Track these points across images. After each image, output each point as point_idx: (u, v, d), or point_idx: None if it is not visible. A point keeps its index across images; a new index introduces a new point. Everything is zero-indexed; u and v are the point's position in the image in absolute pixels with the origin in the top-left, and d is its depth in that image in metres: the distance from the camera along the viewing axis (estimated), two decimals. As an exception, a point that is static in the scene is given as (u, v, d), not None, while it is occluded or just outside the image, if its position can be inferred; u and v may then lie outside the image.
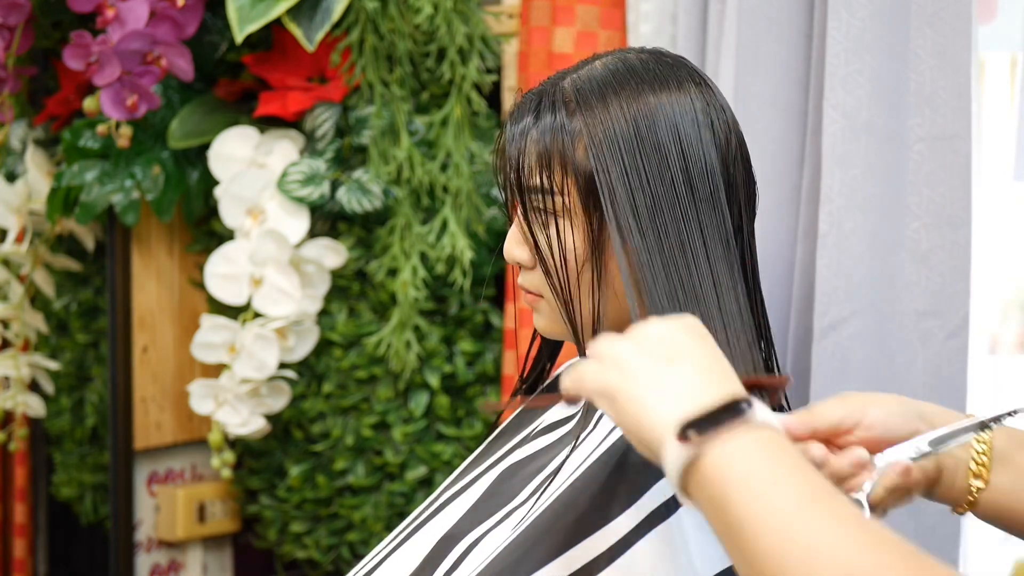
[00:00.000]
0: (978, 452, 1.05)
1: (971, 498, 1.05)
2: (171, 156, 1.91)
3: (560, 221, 1.12)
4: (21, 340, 2.09)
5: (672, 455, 0.80)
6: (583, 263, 1.12)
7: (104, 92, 1.77)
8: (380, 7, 1.79)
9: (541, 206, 1.12)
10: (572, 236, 1.12)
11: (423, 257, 1.83)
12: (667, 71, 1.14)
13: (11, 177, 2.10)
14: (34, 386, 2.17)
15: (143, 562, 2.06)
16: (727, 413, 0.79)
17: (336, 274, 1.85)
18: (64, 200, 1.89)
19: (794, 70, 1.61)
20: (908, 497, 1.02)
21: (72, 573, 2.39)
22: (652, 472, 1.03)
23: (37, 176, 2.00)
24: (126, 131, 1.80)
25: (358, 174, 1.82)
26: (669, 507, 1.02)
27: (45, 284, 2.12)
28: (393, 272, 1.83)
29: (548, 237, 1.12)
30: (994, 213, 1.75)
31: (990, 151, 1.78)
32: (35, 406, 2.09)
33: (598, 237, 1.11)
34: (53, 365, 2.11)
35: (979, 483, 1.05)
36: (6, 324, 2.09)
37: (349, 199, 1.80)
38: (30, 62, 2.06)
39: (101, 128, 1.82)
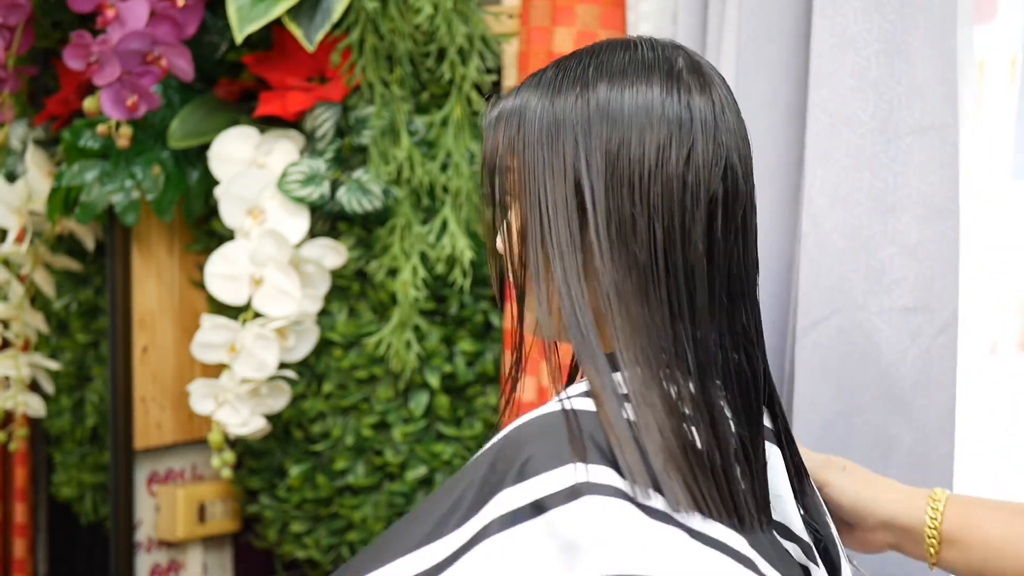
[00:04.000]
0: (929, 528, 1.17)
1: (932, 563, 1.18)
2: (171, 156, 1.91)
3: (510, 215, 1.10)
4: (21, 340, 2.09)
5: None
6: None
7: (104, 92, 1.77)
8: (380, 7, 1.79)
9: (496, 200, 1.11)
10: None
11: (423, 257, 1.83)
12: (639, 70, 1.06)
13: (11, 177, 2.10)
14: (34, 386, 2.17)
15: (143, 562, 2.06)
16: None
17: (336, 274, 1.85)
18: (64, 200, 1.89)
19: (794, 70, 1.61)
20: None
21: (72, 573, 2.39)
22: (513, 473, 0.99)
23: (37, 176, 2.00)
24: (126, 131, 1.80)
25: (358, 174, 1.82)
26: (540, 507, 0.96)
27: (45, 284, 2.12)
28: (393, 272, 1.83)
29: (505, 234, 1.11)
30: (995, 212, 1.75)
31: (989, 149, 1.78)
32: (35, 406, 2.09)
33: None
34: (53, 365, 2.11)
35: (932, 558, 1.17)
36: (6, 324, 2.09)
37: (349, 199, 1.80)
38: (30, 62, 2.06)
39: (101, 128, 1.82)
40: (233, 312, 1.85)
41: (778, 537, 1.05)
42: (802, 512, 1.09)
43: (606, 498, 0.94)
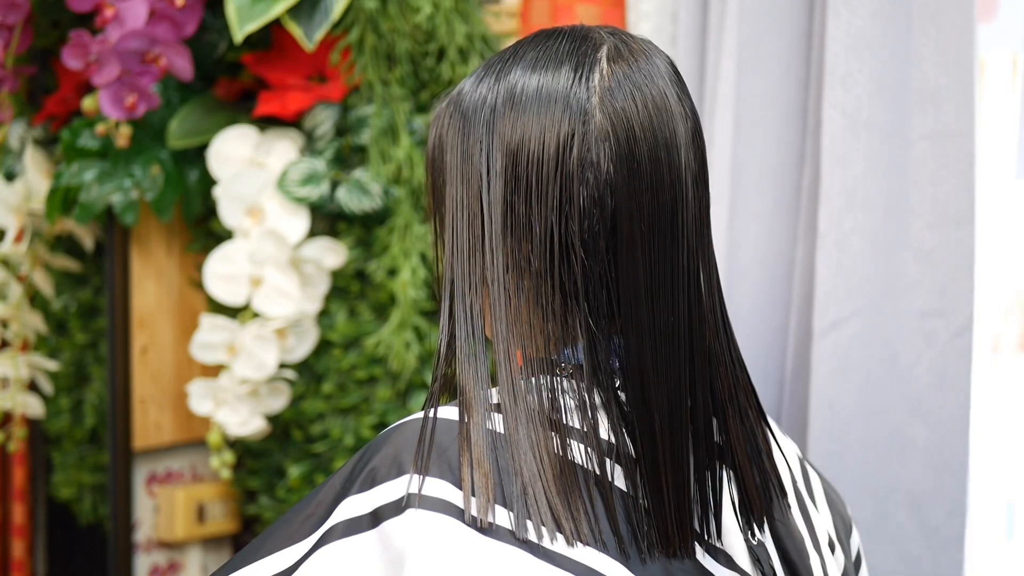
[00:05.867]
0: None
1: None
2: (170, 156, 1.90)
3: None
4: (20, 340, 2.08)
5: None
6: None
7: (103, 92, 1.76)
8: (380, 6, 1.78)
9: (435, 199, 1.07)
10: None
11: (423, 257, 1.82)
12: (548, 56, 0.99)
13: (10, 177, 2.09)
14: (33, 386, 2.17)
15: (142, 563, 2.05)
16: None
17: (336, 274, 1.85)
18: (63, 200, 1.88)
19: (795, 69, 1.60)
20: None
21: (71, 574, 2.38)
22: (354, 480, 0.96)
23: (36, 176, 2.00)
24: (125, 131, 1.80)
25: (357, 174, 1.81)
26: (377, 517, 0.93)
27: (44, 284, 2.11)
28: (393, 272, 1.83)
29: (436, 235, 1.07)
30: (998, 212, 1.75)
31: (993, 150, 1.77)
32: (34, 406, 2.09)
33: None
34: (52, 365, 2.10)
35: None
36: (5, 324, 2.09)
37: (348, 199, 1.80)
38: (29, 61, 2.05)
39: (100, 128, 1.81)
40: (233, 312, 1.84)
41: (717, 566, 0.99)
42: (756, 540, 1.02)
43: (432, 513, 0.90)
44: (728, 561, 1.00)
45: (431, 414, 0.96)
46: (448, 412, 0.96)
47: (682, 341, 0.97)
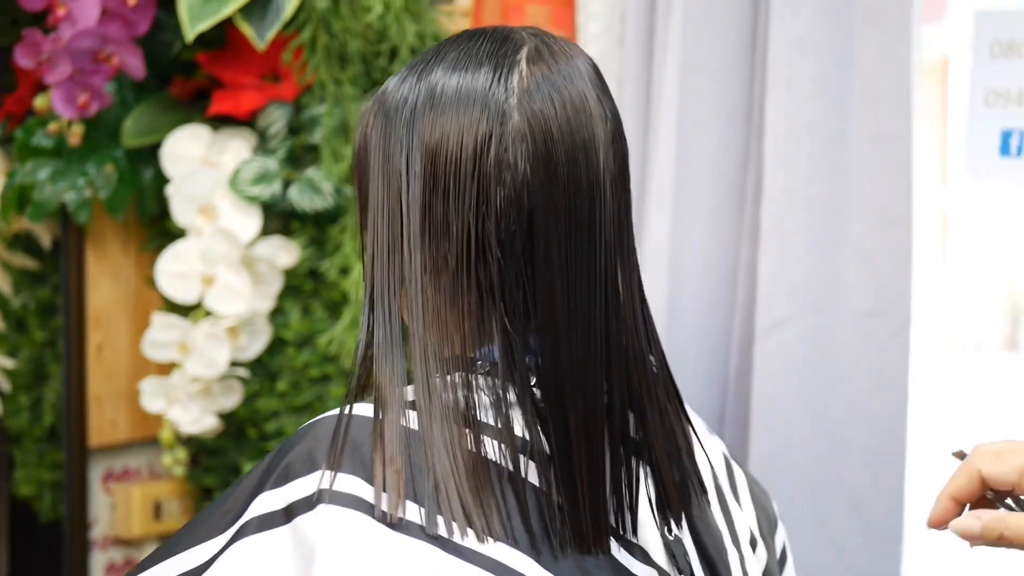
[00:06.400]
0: None
1: None
2: (125, 154, 1.91)
3: None
4: (-23, 338, 2.09)
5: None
6: None
7: (55, 90, 1.77)
8: (332, 6, 1.79)
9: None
10: None
11: (375, 256, 1.83)
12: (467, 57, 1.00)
13: (-32, 175, 2.10)
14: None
15: (98, 560, 2.06)
16: None
17: (289, 273, 1.86)
18: (18, 198, 1.89)
19: (740, 71, 1.61)
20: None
21: (32, 571, 2.38)
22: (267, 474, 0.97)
23: (-8, 174, 2.01)
24: (77, 129, 1.80)
25: (310, 173, 1.82)
26: (290, 512, 0.93)
27: (2, 282, 2.12)
28: (345, 271, 1.83)
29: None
30: (965, 211, 1.77)
31: (945, 150, 1.79)
32: (-9, 404, 2.10)
33: None
34: (7, 363, 2.11)
35: None
36: (-38, 322, 2.10)
37: (300, 198, 1.81)
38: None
39: (52, 126, 1.82)
40: (188, 311, 1.85)
41: (633, 561, 0.99)
42: (674, 536, 1.02)
43: (342, 508, 0.90)
44: (644, 556, 1.00)
45: (347, 411, 0.97)
46: (364, 409, 0.97)
47: (598, 340, 0.98)
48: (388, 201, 0.99)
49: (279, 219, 1.86)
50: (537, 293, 0.96)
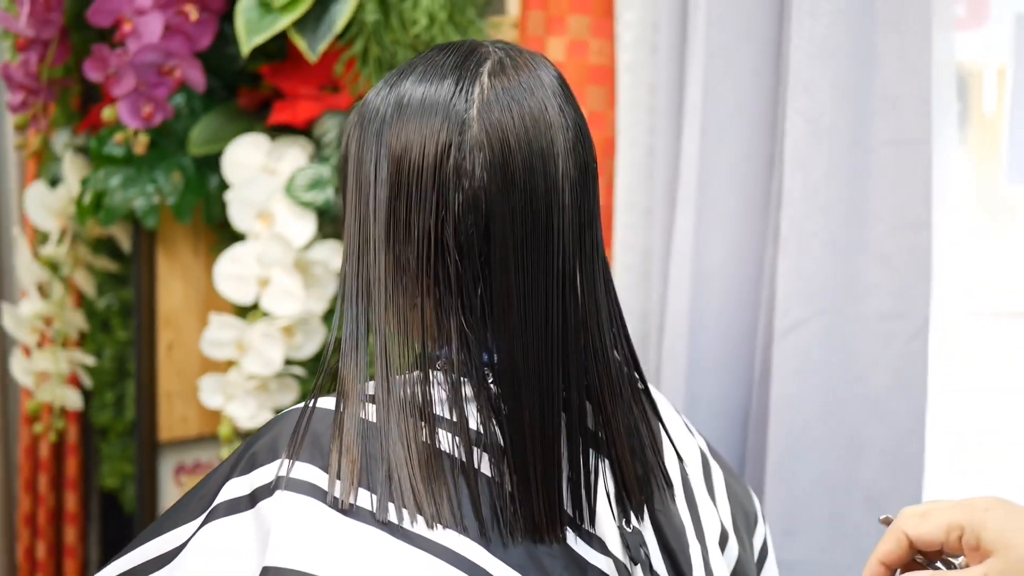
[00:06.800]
0: None
1: None
2: (192, 162, 2.00)
3: None
4: (61, 337, 2.20)
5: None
6: None
7: (121, 102, 1.87)
8: (382, 19, 1.86)
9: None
10: None
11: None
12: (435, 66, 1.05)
13: (54, 183, 2.21)
14: (80, 382, 2.29)
15: (170, 549, 2.15)
16: None
17: (343, 275, 1.92)
18: (95, 204, 1.99)
19: (764, 75, 1.64)
20: None
21: (120, 560, 2.49)
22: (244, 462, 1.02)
23: (74, 182, 2.11)
24: (143, 139, 1.90)
25: (361, 179, 1.89)
26: (254, 498, 0.99)
27: (86, 284, 2.23)
28: (396, 273, 1.89)
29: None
30: (993, 217, 1.76)
31: (984, 156, 1.79)
32: (73, 399, 2.20)
33: None
34: (89, 360, 2.22)
35: None
36: (48, 322, 2.21)
37: (351, 203, 1.87)
38: (76, 72, 2.17)
39: (118, 136, 1.91)
40: (249, 311, 1.94)
41: (589, 551, 1.03)
42: (632, 528, 1.06)
43: (296, 495, 0.96)
44: (601, 547, 1.04)
45: (311, 404, 1.03)
46: (328, 403, 1.03)
47: (554, 341, 1.02)
48: (359, 206, 1.05)
49: (334, 223, 1.93)
50: (494, 293, 1.01)
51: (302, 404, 1.04)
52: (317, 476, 0.98)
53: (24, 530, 2.56)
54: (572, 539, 1.03)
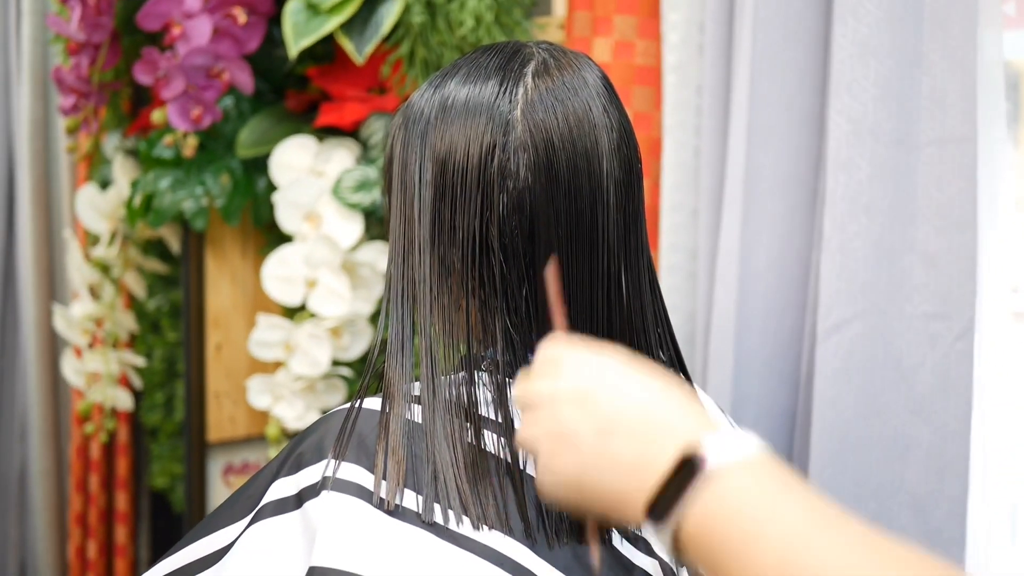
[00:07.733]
0: None
1: None
2: (240, 164, 2.01)
3: None
4: (112, 338, 2.23)
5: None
6: None
7: (171, 105, 1.88)
8: (428, 20, 1.86)
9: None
10: None
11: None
12: (479, 68, 1.06)
13: (104, 185, 2.24)
14: (130, 382, 2.32)
15: (218, 548, 2.16)
16: (684, 477, 0.76)
17: (390, 276, 1.93)
18: (145, 207, 2.01)
19: (810, 76, 1.63)
20: None
21: (170, 559, 2.51)
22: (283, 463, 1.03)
23: (124, 184, 2.13)
24: (192, 141, 1.92)
25: (408, 181, 1.89)
26: (301, 498, 1.00)
27: (136, 286, 2.25)
28: (442, 275, 1.90)
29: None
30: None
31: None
32: (123, 400, 2.22)
33: None
34: (139, 361, 2.24)
35: None
36: (98, 323, 2.23)
37: (398, 205, 1.88)
38: (126, 75, 2.19)
39: (168, 139, 1.93)
40: (296, 312, 1.95)
41: (636, 553, 1.03)
42: None
43: (342, 495, 0.97)
44: (647, 548, 1.04)
45: (357, 404, 1.03)
46: (373, 404, 1.04)
47: (599, 338, 1.02)
48: (404, 208, 1.06)
49: (380, 225, 1.94)
50: (538, 294, 1.02)
51: (348, 404, 1.05)
52: (363, 477, 0.98)
53: (75, 529, 2.58)
54: (617, 540, 1.03)
